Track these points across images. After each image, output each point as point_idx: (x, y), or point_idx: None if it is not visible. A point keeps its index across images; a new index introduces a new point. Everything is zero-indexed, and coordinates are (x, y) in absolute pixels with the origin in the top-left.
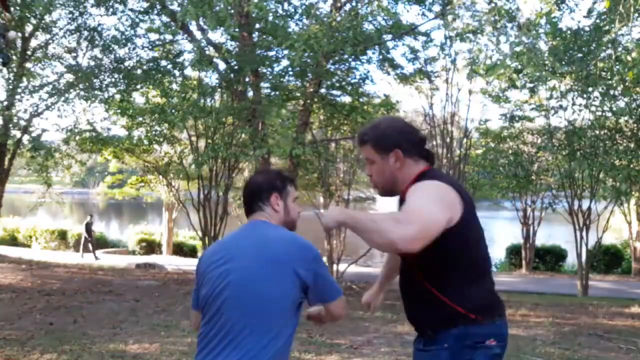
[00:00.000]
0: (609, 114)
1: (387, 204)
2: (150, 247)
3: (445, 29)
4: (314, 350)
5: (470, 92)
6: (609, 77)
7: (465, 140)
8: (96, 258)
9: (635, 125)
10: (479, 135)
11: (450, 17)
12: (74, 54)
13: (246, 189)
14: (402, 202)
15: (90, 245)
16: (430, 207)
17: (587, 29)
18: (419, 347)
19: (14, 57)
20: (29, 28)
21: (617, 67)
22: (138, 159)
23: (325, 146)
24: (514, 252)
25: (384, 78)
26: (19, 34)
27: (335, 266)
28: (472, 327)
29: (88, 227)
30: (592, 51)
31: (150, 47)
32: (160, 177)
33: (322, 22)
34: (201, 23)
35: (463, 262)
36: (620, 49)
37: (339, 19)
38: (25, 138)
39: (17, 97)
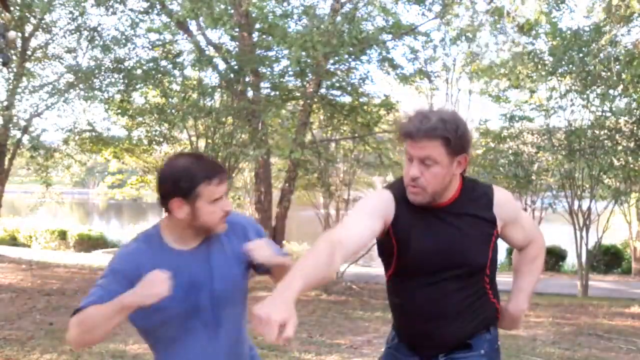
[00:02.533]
0: (609, 114)
1: None
2: None
3: (439, 30)
4: (314, 350)
5: (470, 92)
6: (608, 78)
7: None
8: None
9: (635, 125)
10: (479, 135)
11: (448, 17)
12: (74, 54)
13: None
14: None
15: None
16: None
17: (586, 29)
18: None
19: (14, 57)
20: (29, 28)
21: (617, 67)
22: (138, 159)
23: (326, 146)
24: (514, 252)
25: (384, 78)
26: (19, 34)
27: None
28: (495, 330)
29: None
30: (592, 51)
31: (150, 47)
32: None
33: (319, 26)
34: (200, 22)
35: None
36: (619, 49)
37: (338, 19)
38: (25, 138)
39: (17, 97)
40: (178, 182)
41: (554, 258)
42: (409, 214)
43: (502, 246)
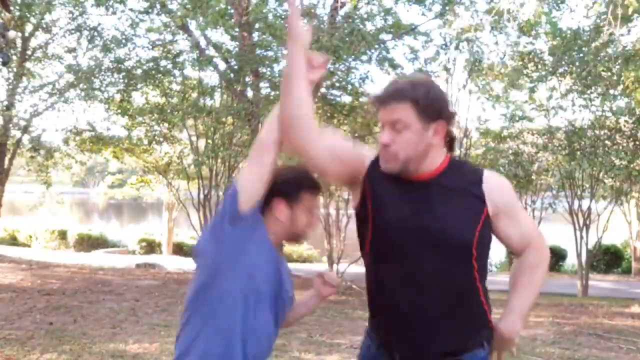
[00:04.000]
0: (609, 114)
1: None
2: (150, 247)
3: (441, 35)
4: (314, 350)
5: (470, 92)
6: (608, 78)
7: (465, 140)
8: None
9: (634, 125)
10: (479, 135)
11: (449, 17)
12: (74, 54)
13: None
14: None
15: None
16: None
17: (586, 29)
18: None
19: (14, 57)
20: (29, 28)
21: (617, 67)
22: (138, 158)
23: None
24: (513, 262)
25: (384, 78)
26: (19, 34)
27: (335, 266)
28: (489, 345)
29: None
30: (592, 51)
31: (150, 47)
32: (160, 177)
33: (318, 37)
34: (200, 22)
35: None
36: (619, 49)
37: (338, 18)
38: (25, 138)
39: (17, 97)
40: (284, 184)
41: (554, 258)
42: (387, 182)
43: (501, 246)
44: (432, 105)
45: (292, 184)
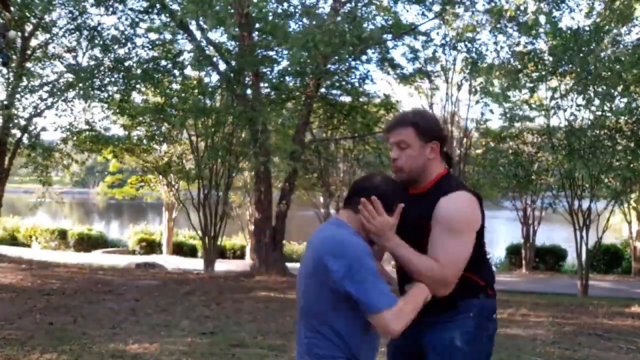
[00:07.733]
0: (609, 114)
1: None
2: (150, 247)
3: (439, 35)
4: None
5: (470, 92)
6: (609, 77)
7: (465, 140)
8: None
9: (635, 125)
10: (479, 135)
11: (449, 17)
12: (74, 54)
13: (358, 183)
14: (419, 199)
15: None
16: (464, 250)
17: (586, 28)
18: (434, 321)
19: (14, 57)
20: (29, 28)
21: (617, 67)
22: (138, 158)
23: (326, 146)
24: (514, 251)
25: (384, 78)
26: (19, 34)
27: None
28: (488, 300)
29: None
30: (593, 51)
31: (150, 46)
32: (160, 177)
33: (321, 26)
34: (201, 23)
35: (480, 246)
36: (620, 49)
37: (338, 18)
38: (25, 137)
39: (17, 96)
40: (389, 190)
41: (554, 258)
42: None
43: (501, 246)
44: (428, 129)
45: (392, 190)
